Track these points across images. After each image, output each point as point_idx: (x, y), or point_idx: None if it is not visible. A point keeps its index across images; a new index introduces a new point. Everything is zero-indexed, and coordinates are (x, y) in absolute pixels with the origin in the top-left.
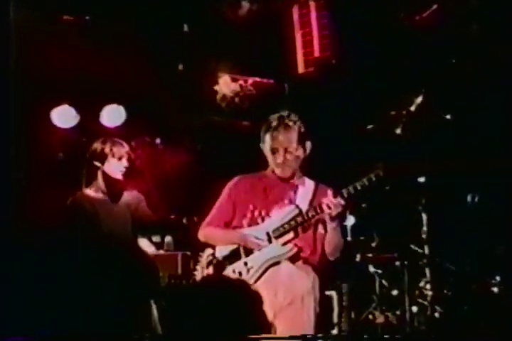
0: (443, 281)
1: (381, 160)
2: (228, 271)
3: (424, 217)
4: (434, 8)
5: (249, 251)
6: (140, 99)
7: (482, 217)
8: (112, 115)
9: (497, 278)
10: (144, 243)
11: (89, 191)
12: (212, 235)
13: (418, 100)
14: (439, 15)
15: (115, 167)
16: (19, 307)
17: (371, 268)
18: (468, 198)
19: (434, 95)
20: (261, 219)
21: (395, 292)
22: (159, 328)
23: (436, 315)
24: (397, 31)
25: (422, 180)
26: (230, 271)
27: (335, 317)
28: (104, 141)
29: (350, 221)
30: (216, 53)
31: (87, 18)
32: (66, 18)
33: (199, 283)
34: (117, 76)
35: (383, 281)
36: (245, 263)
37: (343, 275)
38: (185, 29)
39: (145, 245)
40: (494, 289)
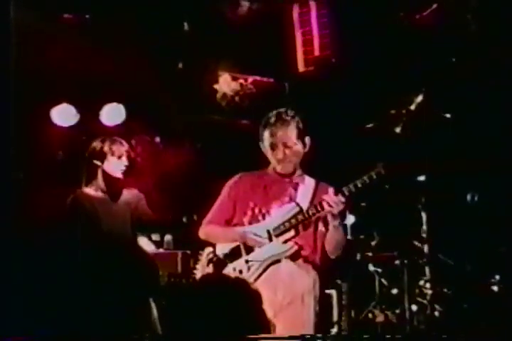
0: (443, 280)
1: (381, 160)
2: (229, 269)
3: (423, 216)
4: (434, 7)
5: (249, 249)
6: (140, 97)
7: (482, 216)
8: (112, 114)
9: (497, 277)
10: (144, 241)
11: (88, 190)
12: (212, 233)
13: (418, 99)
14: (439, 14)
15: (115, 165)
16: (19, 306)
17: (371, 267)
18: (468, 197)
19: (434, 94)
20: (261, 217)
21: (395, 291)
22: (159, 327)
23: (436, 313)
24: (397, 30)
25: (421, 178)
26: (231, 269)
27: (335, 315)
28: (104, 139)
29: (350, 220)
30: (216, 52)
31: (87, 17)
32: (66, 16)
33: (199, 281)
34: (117, 75)
35: (383, 280)
36: (246, 261)
37: (344, 274)
38: (186, 28)
39: (145, 243)
40: (494, 288)
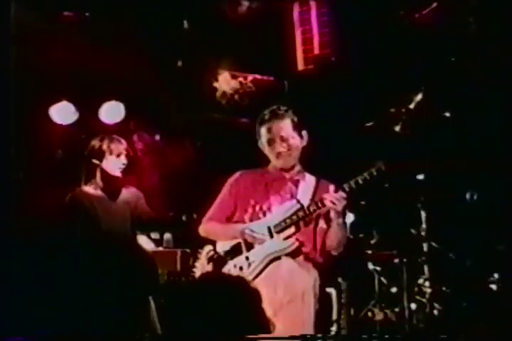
0: (442, 279)
1: (380, 158)
2: (229, 266)
3: (423, 215)
4: (433, 6)
5: (250, 246)
6: (139, 95)
7: (481, 214)
8: (111, 112)
9: (495, 276)
10: (143, 240)
11: (88, 188)
12: (212, 230)
13: (417, 98)
14: (439, 13)
15: (113, 164)
16: (18, 306)
17: (370, 266)
18: (467, 196)
19: (434, 93)
20: (262, 214)
21: (394, 289)
22: (158, 325)
23: (435, 312)
24: (396, 29)
25: (420, 177)
26: (231, 266)
27: (334, 314)
28: (102, 138)
29: (350, 218)
30: (216, 50)
31: (87, 15)
32: (65, 14)
33: (198, 280)
34: (117, 73)
35: (382, 278)
36: (247, 258)
37: (344, 273)
38: (185, 26)
39: (144, 242)
40: (493, 286)
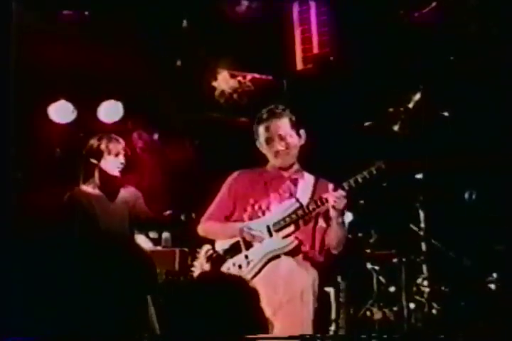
0: (440, 278)
1: (379, 158)
2: (228, 265)
3: (421, 214)
4: (433, 5)
5: (249, 245)
6: (138, 94)
7: (480, 214)
8: (110, 111)
9: (494, 275)
10: (142, 239)
11: (86, 187)
12: (211, 229)
13: (416, 97)
14: (438, 12)
15: (112, 164)
16: (17, 305)
17: (368, 265)
18: (466, 195)
19: (433, 92)
20: (261, 213)
21: (393, 288)
22: (156, 325)
23: (434, 311)
24: (396, 28)
25: (419, 176)
26: (230, 265)
27: (333, 313)
28: (100, 137)
29: (348, 217)
30: (215, 49)
31: (86, 14)
32: (65, 13)
33: (197, 279)
34: (115, 72)
35: (381, 278)
36: (246, 257)
37: (343, 272)
38: (184, 25)
39: (142, 241)
40: (491, 286)
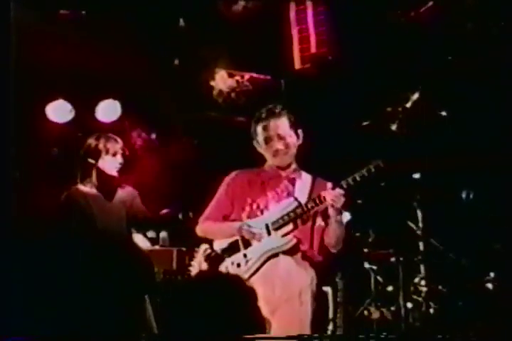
0: (438, 277)
1: (377, 157)
2: (227, 263)
3: (419, 214)
4: (429, 4)
5: (248, 243)
6: (136, 94)
7: (477, 213)
8: (108, 110)
9: (491, 275)
10: (139, 238)
11: (83, 187)
12: (209, 229)
13: (414, 97)
14: (435, 11)
15: (110, 163)
16: (14, 305)
17: (366, 265)
18: (464, 195)
19: (430, 92)
20: (260, 212)
21: (390, 288)
22: (154, 324)
23: (431, 311)
24: (393, 28)
25: (417, 176)
26: (229, 264)
27: (330, 313)
28: (98, 137)
29: (346, 217)
30: (213, 49)
31: (83, 13)
32: (62, 12)
33: (194, 278)
34: (113, 71)
35: (378, 277)
36: (244, 255)
37: (341, 271)
38: (182, 24)
39: (140, 241)
40: (489, 285)
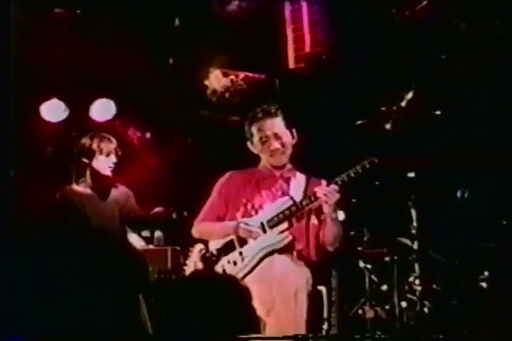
0: (432, 276)
1: (371, 156)
2: (223, 262)
3: (413, 213)
4: (424, 3)
5: (243, 242)
6: (130, 93)
7: (472, 212)
8: (102, 109)
9: (485, 274)
10: (134, 238)
11: (77, 186)
12: (205, 230)
13: (408, 96)
14: (430, 10)
15: (103, 163)
16: (8, 305)
17: (361, 264)
18: (458, 194)
19: (425, 91)
20: (254, 212)
21: (385, 287)
22: (148, 323)
23: (425, 310)
24: (388, 27)
25: (411, 175)
26: (225, 262)
27: (324, 312)
28: (92, 136)
29: (341, 216)
30: (207, 48)
31: (78, 12)
32: (56, 11)
33: (189, 278)
34: (107, 70)
35: (373, 276)
36: (240, 253)
37: (335, 270)
38: (177, 24)
39: (135, 240)
40: (483, 284)
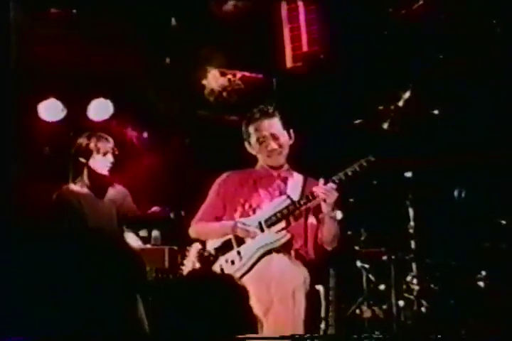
0: (429, 276)
1: (369, 155)
2: (221, 262)
3: (411, 212)
4: (421, 2)
5: (241, 241)
6: (128, 93)
7: (469, 211)
8: (99, 109)
9: (483, 273)
10: (131, 237)
11: (74, 186)
12: (202, 230)
13: (406, 95)
14: (427, 9)
15: (101, 163)
16: (5, 305)
17: (358, 263)
18: (455, 193)
19: (422, 90)
20: (252, 212)
21: (382, 286)
22: (146, 323)
23: (423, 309)
24: (385, 26)
25: (409, 175)
26: (223, 261)
27: (322, 311)
28: (89, 136)
29: (338, 215)
30: (205, 47)
31: (74, 12)
32: (53, 11)
33: (186, 277)
34: (105, 70)
35: (370, 276)
36: (238, 252)
37: (333, 270)
38: (174, 23)
39: (132, 239)
40: (480, 284)
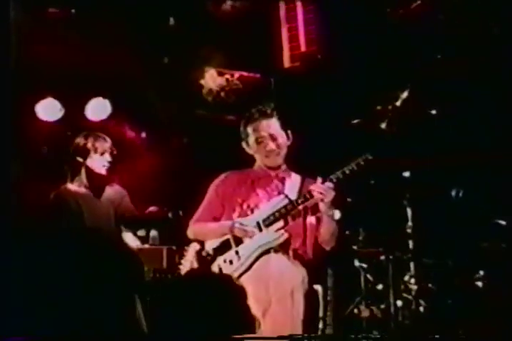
0: (427, 276)
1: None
2: (219, 261)
3: (409, 212)
4: (418, 2)
5: (239, 241)
6: (126, 92)
7: (467, 211)
8: (97, 109)
9: (481, 273)
10: (129, 237)
11: (72, 186)
12: (200, 230)
13: (404, 95)
14: (425, 9)
15: (98, 162)
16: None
17: (356, 263)
18: (453, 193)
19: (420, 90)
20: (250, 212)
21: (380, 286)
22: (143, 323)
23: (421, 309)
24: (383, 26)
25: (407, 174)
26: (221, 261)
27: (320, 311)
28: (87, 136)
29: (336, 215)
30: (202, 47)
31: (73, 12)
32: (51, 11)
33: (184, 277)
34: (103, 69)
35: (368, 275)
36: (236, 252)
37: (331, 269)
38: (172, 23)
39: (130, 239)
40: (478, 283)
